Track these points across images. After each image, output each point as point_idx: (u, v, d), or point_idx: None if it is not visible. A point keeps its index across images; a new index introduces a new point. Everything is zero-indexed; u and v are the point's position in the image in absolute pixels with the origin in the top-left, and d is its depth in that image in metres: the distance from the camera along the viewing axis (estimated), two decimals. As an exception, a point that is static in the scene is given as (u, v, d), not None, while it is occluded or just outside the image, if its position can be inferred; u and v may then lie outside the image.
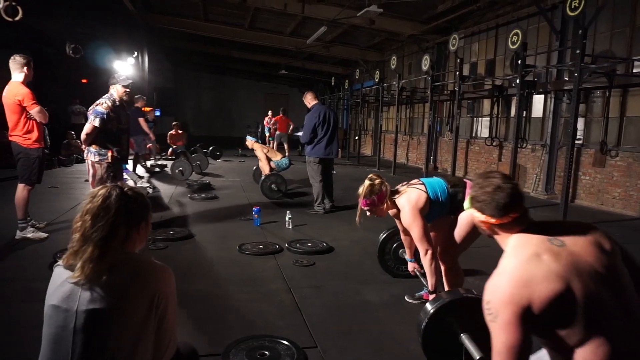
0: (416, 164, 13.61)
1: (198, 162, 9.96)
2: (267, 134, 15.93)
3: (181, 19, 13.96)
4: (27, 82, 4.23)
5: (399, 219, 2.95)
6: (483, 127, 10.80)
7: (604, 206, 7.35)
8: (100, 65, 12.09)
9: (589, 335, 1.16)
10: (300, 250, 4.33)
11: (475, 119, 11.16)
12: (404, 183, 2.98)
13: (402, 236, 3.27)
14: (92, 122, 4.17)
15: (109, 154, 4.27)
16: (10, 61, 4.20)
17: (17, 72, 4.19)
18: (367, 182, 2.83)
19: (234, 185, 8.57)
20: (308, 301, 3.19)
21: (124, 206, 1.31)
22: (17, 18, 5.29)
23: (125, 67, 13.70)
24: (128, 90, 4.49)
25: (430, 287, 2.79)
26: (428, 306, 2.12)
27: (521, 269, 1.21)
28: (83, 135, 4.21)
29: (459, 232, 2.82)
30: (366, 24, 11.14)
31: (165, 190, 7.77)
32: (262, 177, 7.32)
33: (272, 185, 7.06)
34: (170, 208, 6.23)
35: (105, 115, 4.19)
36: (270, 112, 15.85)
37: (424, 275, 3.01)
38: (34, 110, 4.18)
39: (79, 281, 1.24)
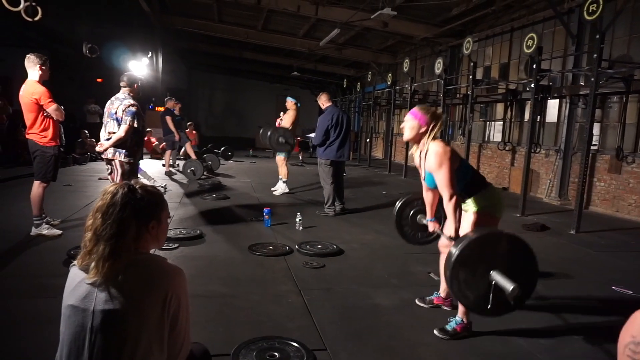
0: (428, 167, 13.52)
1: (210, 163, 10.04)
2: None
3: (195, 20, 14.08)
4: (43, 81, 4.30)
5: (421, 165, 2.87)
6: (496, 132, 10.71)
7: (619, 213, 7.23)
8: (116, 65, 12.24)
9: None
10: (311, 252, 4.33)
11: (488, 123, 11.07)
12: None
13: (425, 193, 3.10)
14: (130, 123, 4.18)
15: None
16: (26, 60, 4.27)
17: (33, 71, 4.26)
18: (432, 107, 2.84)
19: (245, 186, 8.61)
20: (318, 303, 3.19)
21: (130, 203, 1.30)
22: (36, 18, 5.39)
23: (139, 67, 13.87)
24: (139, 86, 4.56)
25: (453, 234, 2.67)
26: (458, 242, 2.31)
27: None
28: (119, 137, 4.17)
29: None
30: (379, 26, 11.12)
31: (177, 189, 7.83)
32: (269, 132, 7.44)
33: (280, 139, 7.09)
34: (181, 208, 6.27)
35: (138, 115, 4.26)
36: (282, 114, 15.88)
37: (443, 233, 2.93)
38: (51, 108, 4.24)
39: (95, 281, 1.26)
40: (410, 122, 2.80)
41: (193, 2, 12.44)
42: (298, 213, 5.41)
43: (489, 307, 2.31)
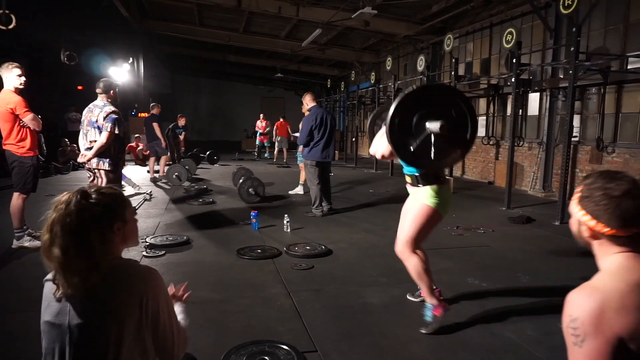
0: (414, 164, 13.60)
1: (187, 167, 9.96)
2: (258, 138, 15.89)
3: (176, 24, 13.97)
4: (20, 90, 4.21)
5: None
6: (479, 126, 10.82)
7: (602, 203, 7.34)
8: (96, 72, 12.08)
9: None
10: (299, 254, 4.32)
11: (471, 118, 11.16)
12: None
13: None
14: (111, 129, 4.12)
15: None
16: (2, 69, 4.18)
17: (8, 80, 4.17)
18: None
19: (232, 190, 8.55)
20: (308, 305, 3.18)
21: (86, 209, 1.23)
22: (11, 26, 5.29)
23: (120, 73, 13.70)
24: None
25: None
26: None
27: (625, 294, 1.01)
28: (101, 144, 4.10)
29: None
30: (361, 25, 11.16)
31: (163, 196, 7.75)
32: (240, 181, 7.26)
33: (250, 190, 6.99)
34: (167, 214, 6.21)
35: (119, 121, 4.20)
36: (261, 116, 15.80)
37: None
38: (27, 118, 4.16)
39: (66, 295, 1.21)
40: None
41: (173, 6, 12.33)
42: (286, 215, 5.40)
43: (412, 150, 2.46)
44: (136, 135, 13.21)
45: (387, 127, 2.46)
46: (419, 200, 2.80)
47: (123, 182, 7.99)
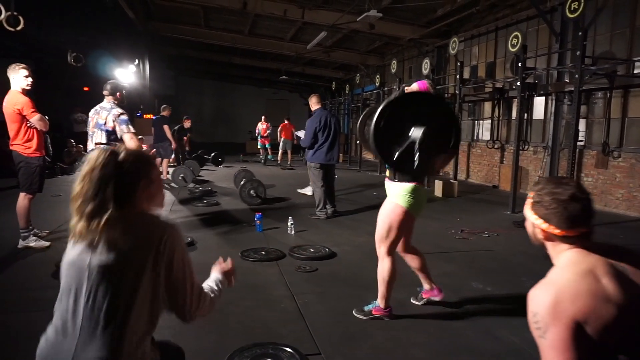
0: (418, 167, 13.58)
1: (191, 168, 9.99)
2: (259, 139, 15.90)
3: (182, 26, 14.02)
4: (27, 91, 4.24)
5: None
6: (484, 130, 10.80)
7: (608, 207, 7.31)
8: (102, 73, 12.14)
9: None
10: (303, 256, 4.32)
11: (476, 121, 11.15)
12: None
13: None
14: (130, 129, 4.20)
15: None
16: (9, 70, 4.20)
17: (16, 81, 4.19)
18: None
19: (236, 192, 8.56)
20: (311, 307, 3.18)
21: (113, 164, 1.33)
22: (18, 28, 5.33)
23: (126, 75, 13.76)
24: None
25: None
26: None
27: (575, 283, 1.11)
28: (135, 142, 4.19)
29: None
30: (366, 28, 11.16)
31: (167, 197, 7.78)
32: (242, 183, 7.28)
33: (251, 192, 7.00)
34: (172, 215, 6.22)
35: (131, 121, 4.31)
36: (263, 118, 15.81)
37: None
38: (34, 119, 4.18)
39: (89, 240, 1.30)
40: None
41: (179, 8, 12.38)
42: (290, 217, 5.40)
43: (395, 157, 2.46)
44: (140, 137, 13.25)
45: (372, 130, 2.44)
46: (392, 199, 2.84)
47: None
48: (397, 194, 2.81)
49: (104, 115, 4.22)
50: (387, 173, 2.94)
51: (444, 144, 2.55)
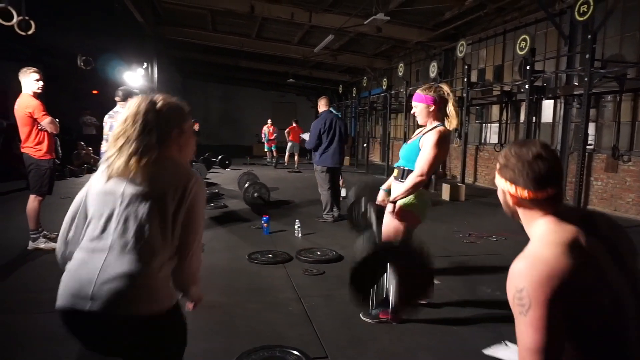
0: (425, 170, 13.53)
1: (198, 171, 10.06)
2: (265, 142, 15.94)
3: (190, 29, 14.11)
4: (38, 94, 4.29)
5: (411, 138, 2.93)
6: (492, 133, 10.74)
7: (617, 212, 7.24)
8: (111, 76, 12.24)
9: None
10: (310, 259, 4.31)
11: (484, 125, 11.10)
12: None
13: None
14: None
15: None
16: (20, 73, 4.25)
17: (27, 85, 4.24)
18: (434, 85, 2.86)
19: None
20: (318, 310, 3.17)
21: (152, 110, 1.48)
22: (30, 32, 5.40)
23: (135, 78, 13.86)
24: None
25: (396, 197, 2.77)
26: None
27: (561, 256, 1.06)
28: None
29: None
30: (373, 31, 11.17)
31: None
32: (246, 185, 7.28)
33: (255, 194, 6.99)
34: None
35: None
36: (269, 121, 15.86)
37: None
38: (45, 122, 4.23)
39: (124, 173, 1.42)
40: (418, 108, 2.85)
41: (187, 12, 12.48)
42: (297, 220, 5.40)
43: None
44: None
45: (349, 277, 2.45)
46: (398, 202, 2.81)
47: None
48: (409, 200, 2.80)
49: (118, 119, 4.30)
50: (395, 172, 2.93)
51: (421, 286, 2.49)
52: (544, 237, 1.14)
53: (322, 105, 6.37)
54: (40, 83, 4.26)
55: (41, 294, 3.32)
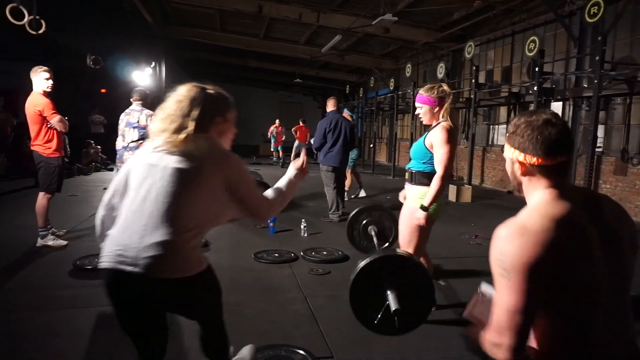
0: (432, 172, 13.49)
1: None
2: (272, 142, 15.96)
3: (198, 29, 14.18)
4: (47, 93, 4.33)
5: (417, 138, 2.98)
6: (500, 135, 10.68)
7: (626, 215, 7.16)
8: (119, 75, 12.33)
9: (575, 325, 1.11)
10: (316, 259, 4.32)
11: (491, 126, 11.05)
12: None
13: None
14: None
15: None
16: (31, 72, 4.31)
17: (37, 83, 4.28)
18: (435, 85, 2.87)
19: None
20: (324, 310, 3.18)
21: (199, 96, 1.63)
22: (40, 31, 5.45)
23: (143, 78, 13.93)
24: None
25: (425, 203, 2.73)
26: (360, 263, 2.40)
27: (548, 229, 1.07)
28: None
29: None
30: (381, 32, 11.16)
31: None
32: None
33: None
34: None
35: None
36: (277, 122, 15.88)
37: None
38: (54, 120, 4.27)
39: (168, 148, 1.57)
40: (423, 109, 2.87)
41: (195, 11, 12.54)
42: (302, 220, 5.41)
43: (375, 322, 2.33)
44: None
45: (349, 293, 2.38)
46: (411, 203, 2.85)
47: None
48: (415, 198, 2.82)
49: (135, 116, 4.72)
50: (406, 175, 2.95)
51: (422, 302, 2.39)
52: (537, 208, 1.15)
53: (329, 106, 6.47)
54: (50, 82, 4.31)
55: (51, 290, 3.36)
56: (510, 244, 1.10)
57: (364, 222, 3.57)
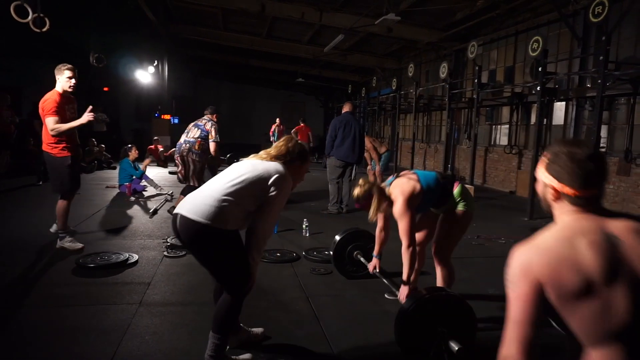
0: (434, 171, 13.47)
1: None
2: (273, 141, 15.95)
3: (201, 28, 14.18)
4: (69, 93, 4.23)
5: (388, 212, 3.11)
6: (502, 135, 10.66)
7: (629, 216, 7.14)
8: (122, 73, 12.34)
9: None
10: (318, 259, 4.32)
11: (494, 126, 11.03)
12: (395, 174, 3.12)
13: (377, 233, 3.37)
14: (217, 139, 5.77)
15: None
16: (56, 70, 4.19)
17: (59, 82, 4.17)
18: (356, 188, 3.06)
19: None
20: (326, 310, 3.18)
21: (293, 145, 2.43)
22: (44, 29, 5.45)
23: (145, 76, 13.96)
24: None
25: (404, 278, 2.89)
26: (408, 301, 2.42)
27: (550, 249, 1.14)
28: (213, 146, 5.77)
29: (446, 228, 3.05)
30: (384, 31, 11.14)
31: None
32: None
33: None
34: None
35: (220, 132, 5.92)
36: (278, 120, 15.86)
37: (382, 274, 3.29)
38: (47, 120, 4.06)
39: (258, 158, 2.41)
40: (372, 207, 3.01)
41: (198, 10, 12.54)
42: (304, 219, 5.41)
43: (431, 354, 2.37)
44: (155, 137, 13.45)
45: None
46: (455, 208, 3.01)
47: (145, 183, 8.16)
48: (459, 205, 3.00)
49: (204, 121, 5.84)
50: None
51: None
52: (557, 230, 1.19)
53: (345, 108, 7.04)
54: (73, 81, 4.17)
55: (54, 288, 3.36)
56: (518, 258, 1.17)
57: (350, 247, 3.79)
